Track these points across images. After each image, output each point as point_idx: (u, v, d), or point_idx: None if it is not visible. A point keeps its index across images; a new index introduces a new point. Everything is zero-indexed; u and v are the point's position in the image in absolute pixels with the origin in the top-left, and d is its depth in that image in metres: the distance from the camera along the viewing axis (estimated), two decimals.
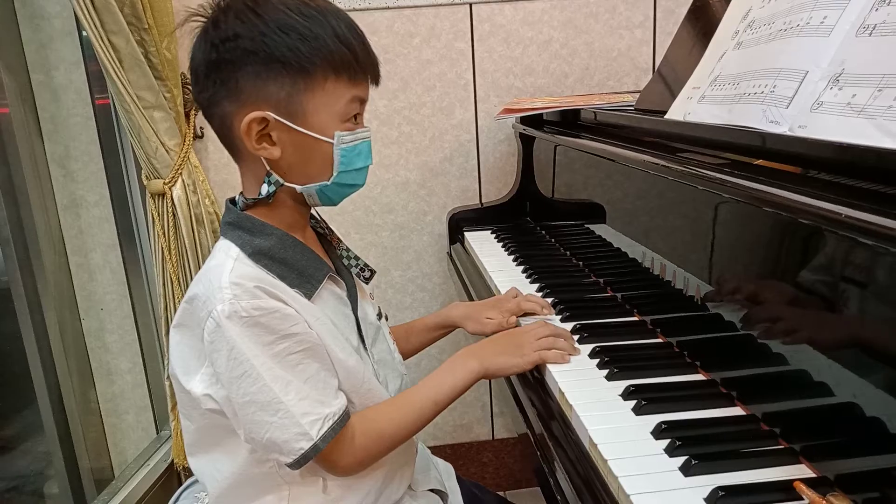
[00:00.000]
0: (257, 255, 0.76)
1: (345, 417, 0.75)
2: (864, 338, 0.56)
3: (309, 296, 0.77)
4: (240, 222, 0.78)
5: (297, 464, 0.73)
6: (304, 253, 0.79)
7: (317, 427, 0.72)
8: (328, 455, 0.74)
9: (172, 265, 1.51)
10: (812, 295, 0.62)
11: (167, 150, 1.45)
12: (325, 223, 0.91)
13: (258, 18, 0.72)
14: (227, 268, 0.73)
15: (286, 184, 0.78)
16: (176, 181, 1.47)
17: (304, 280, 0.77)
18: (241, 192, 0.81)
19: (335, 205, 0.82)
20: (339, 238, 0.91)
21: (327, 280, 0.80)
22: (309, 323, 0.74)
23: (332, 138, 0.76)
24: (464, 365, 0.84)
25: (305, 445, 0.72)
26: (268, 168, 0.77)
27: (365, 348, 0.85)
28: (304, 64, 0.73)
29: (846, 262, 0.57)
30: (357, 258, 0.90)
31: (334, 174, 0.78)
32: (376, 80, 0.80)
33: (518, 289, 1.06)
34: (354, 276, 0.89)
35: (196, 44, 0.76)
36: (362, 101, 0.79)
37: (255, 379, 0.71)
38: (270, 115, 0.74)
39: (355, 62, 0.76)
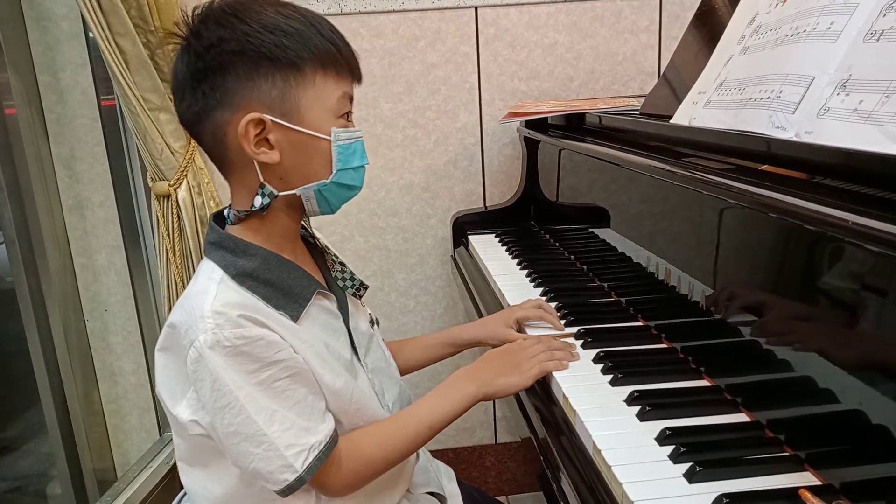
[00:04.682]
0: (241, 277, 0.74)
1: (331, 444, 0.74)
2: (870, 345, 0.55)
3: (295, 317, 0.75)
4: (222, 242, 0.77)
5: (283, 493, 0.72)
6: (290, 272, 0.77)
7: (301, 459, 0.71)
8: (318, 480, 0.74)
9: (177, 267, 1.51)
10: (817, 301, 0.61)
11: (172, 152, 1.45)
12: (319, 239, 0.89)
13: (240, 21, 0.72)
14: (210, 295, 0.72)
15: (281, 193, 0.77)
16: (181, 183, 1.48)
17: (291, 300, 0.76)
18: (231, 206, 0.80)
19: (333, 211, 0.81)
20: (333, 259, 0.88)
21: (316, 295, 0.79)
22: (295, 347, 0.73)
23: (329, 135, 0.76)
24: (460, 389, 0.83)
25: (290, 477, 0.71)
26: (261, 179, 0.76)
27: (358, 359, 0.84)
28: (293, 59, 0.73)
29: (851, 268, 0.57)
30: (352, 277, 0.88)
31: (333, 171, 0.77)
32: (359, 78, 0.81)
33: (538, 300, 1.05)
34: (349, 294, 0.87)
35: (177, 60, 0.75)
36: (351, 99, 0.79)
37: (239, 411, 0.70)
38: (266, 116, 0.73)
39: (340, 57, 0.76)
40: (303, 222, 0.86)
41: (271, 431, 0.70)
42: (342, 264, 0.88)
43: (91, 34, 1.45)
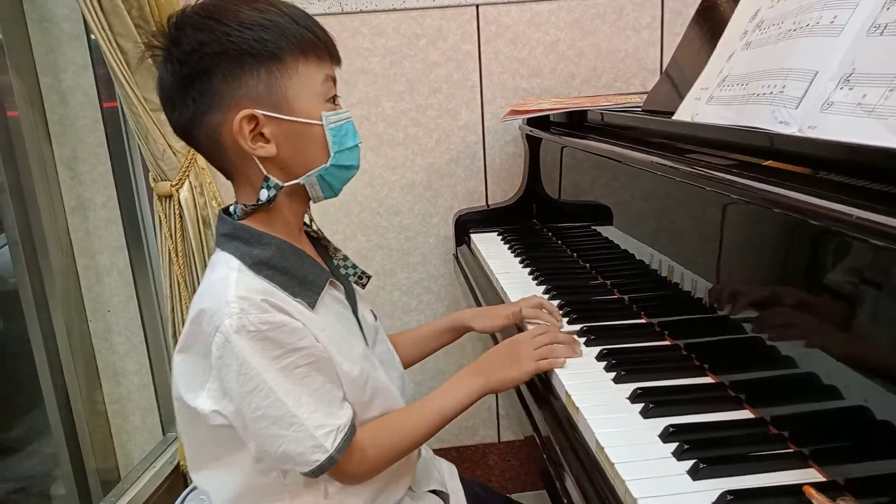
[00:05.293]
0: (258, 266, 0.75)
1: (353, 429, 0.76)
2: (874, 341, 0.55)
3: (312, 305, 0.77)
4: (236, 233, 0.78)
5: (314, 474, 0.74)
6: (303, 260, 0.79)
7: (331, 439, 0.73)
8: (341, 466, 0.75)
9: (179, 267, 1.51)
10: (821, 297, 0.61)
11: (174, 153, 1.45)
12: (320, 231, 0.91)
13: (217, 23, 0.73)
14: (232, 280, 0.73)
15: (285, 184, 0.78)
16: (183, 183, 1.48)
17: (306, 288, 0.77)
18: (237, 202, 0.81)
19: (336, 194, 0.82)
20: (335, 248, 0.90)
21: (327, 285, 0.80)
22: (316, 335, 0.74)
23: (320, 120, 0.77)
24: (469, 381, 0.85)
25: (321, 457, 0.72)
26: (264, 173, 0.77)
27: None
28: (273, 51, 0.74)
29: (855, 263, 0.56)
30: (354, 266, 0.90)
31: (331, 155, 0.78)
32: (338, 60, 0.81)
33: (540, 298, 1.04)
34: (352, 282, 0.89)
35: (161, 70, 0.76)
36: (334, 81, 0.80)
37: (267, 393, 0.71)
38: (257, 111, 0.74)
39: (319, 41, 0.77)
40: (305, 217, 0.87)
41: (300, 413, 0.72)
42: (344, 256, 0.90)
43: (93, 35, 1.46)
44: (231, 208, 0.82)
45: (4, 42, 1.49)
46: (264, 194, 0.77)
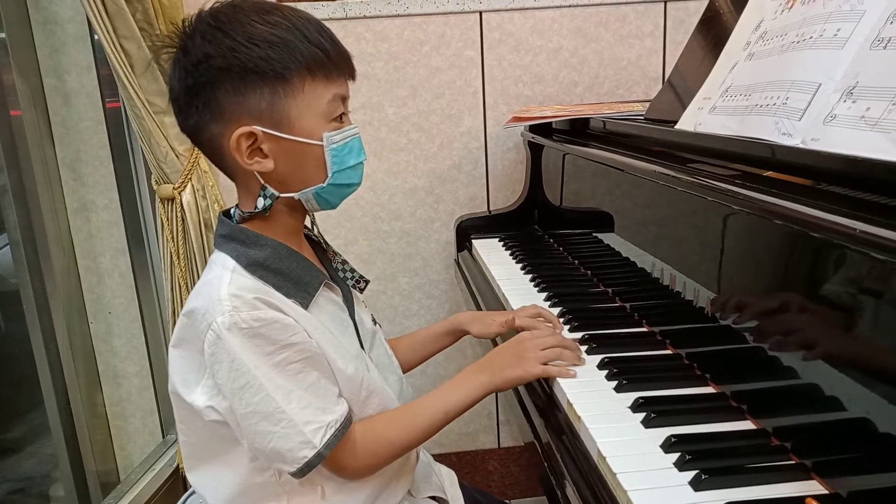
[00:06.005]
0: (253, 267, 0.76)
1: (347, 423, 0.76)
2: (876, 353, 0.55)
3: (305, 305, 0.77)
4: (234, 234, 0.79)
5: (301, 472, 0.73)
6: (299, 262, 0.79)
7: (319, 435, 0.73)
8: (336, 460, 0.75)
9: (181, 270, 1.51)
10: (823, 309, 0.61)
11: (177, 155, 1.46)
12: (321, 235, 0.91)
13: (225, 36, 0.73)
14: (226, 280, 0.74)
15: (282, 195, 0.78)
16: (185, 186, 1.48)
17: (300, 289, 0.78)
18: (237, 206, 0.82)
19: (334, 207, 0.82)
20: (334, 251, 0.91)
21: (323, 287, 0.81)
22: (308, 332, 0.75)
23: (321, 140, 0.77)
24: (474, 378, 0.85)
25: (309, 453, 0.73)
26: (262, 182, 0.77)
27: (364, 352, 0.85)
28: (279, 70, 0.73)
29: (856, 276, 0.56)
30: (353, 270, 0.90)
31: (329, 175, 0.78)
32: (352, 75, 0.81)
33: (539, 306, 1.03)
34: (350, 285, 0.89)
35: (171, 74, 0.77)
36: (344, 99, 0.79)
37: (257, 390, 0.71)
38: (257, 128, 0.74)
39: (328, 60, 0.76)
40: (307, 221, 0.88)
41: (290, 409, 0.72)
42: (343, 261, 0.91)
43: (96, 37, 1.46)
44: (231, 211, 0.83)
45: (9, 43, 1.49)
46: (260, 203, 0.78)
